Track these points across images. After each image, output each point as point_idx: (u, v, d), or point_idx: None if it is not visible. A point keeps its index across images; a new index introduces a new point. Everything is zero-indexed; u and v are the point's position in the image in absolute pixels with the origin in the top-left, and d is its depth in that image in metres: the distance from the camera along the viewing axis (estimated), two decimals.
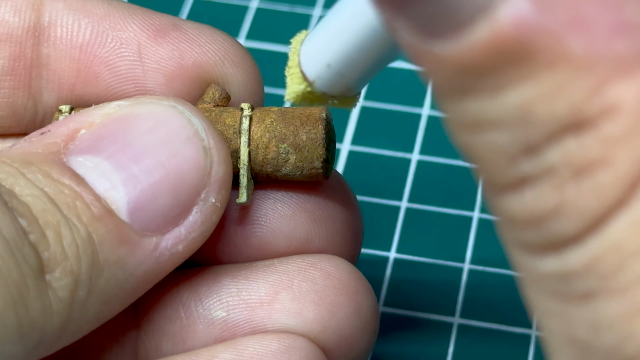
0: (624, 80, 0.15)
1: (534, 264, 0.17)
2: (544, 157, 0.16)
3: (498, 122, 0.16)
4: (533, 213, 0.16)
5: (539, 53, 0.15)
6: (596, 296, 0.16)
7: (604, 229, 0.16)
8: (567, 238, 0.16)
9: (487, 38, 0.15)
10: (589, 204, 0.16)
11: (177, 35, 0.29)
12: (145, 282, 0.26)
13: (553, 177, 0.16)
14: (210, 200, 0.26)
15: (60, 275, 0.23)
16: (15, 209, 0.23)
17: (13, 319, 0.22)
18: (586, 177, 0.16)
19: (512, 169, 0.16)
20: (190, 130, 0.26)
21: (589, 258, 0.16)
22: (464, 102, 0.16)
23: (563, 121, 0.15)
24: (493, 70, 0.16)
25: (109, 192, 0.25)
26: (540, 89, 0.15)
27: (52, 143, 0.26)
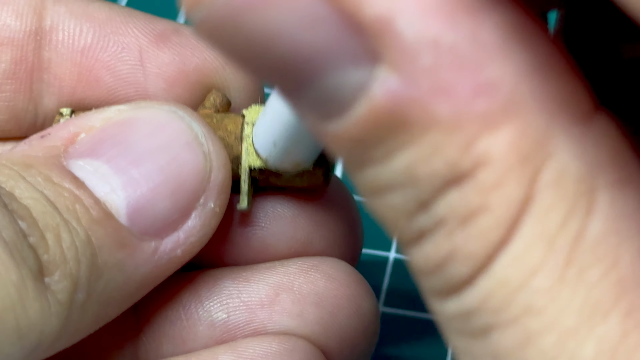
0: (490, 134, 0.16)
1: (442, 307, 0.18)
2: (435, 210, 0.17)
3: (391, 185, 0.17)
4: (432, 261, 0.18)
5: (411, 120, 0.17)
6: (492, 330, 0.17)
7: (491, 268, 0.17)
8: (462, 280, 0.17)
9: (365, 113, 0.17)
10: (475, 247, 0.17)
11: (178, 40, 0.29)
12: (144, 285, 0.26)
13: (444, 227, 0.17)
14: (209, 205, 0.26)
15: (60, 277, 0.23)
16: (15, 212, 0.23)
17: (12, 321, 0.22)
18: (470, 224, 0.17)
19: (411, 225, 0.18)
20: (190, 135, 0.26)
21: (481, 296, 0.17)
22: (362, 171, 0.18)
23: (443, 177, 0.17)
24: (377, 140, 0.17)
25: (109, 196, 0.25)
26: (419, 152, 0.17)
27: (52, 146, 0.26)
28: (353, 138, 0.17)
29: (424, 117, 0.17)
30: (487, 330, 0.17)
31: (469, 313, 0.17)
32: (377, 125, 0.17)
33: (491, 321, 0.17)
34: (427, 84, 0.16)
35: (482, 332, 0.17)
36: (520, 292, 0.17)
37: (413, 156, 0.17)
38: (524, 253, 0.17)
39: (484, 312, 0.17)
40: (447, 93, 0.16)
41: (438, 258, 0.17)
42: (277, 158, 0.27)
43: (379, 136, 0.17)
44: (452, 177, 0.17)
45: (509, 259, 0.17)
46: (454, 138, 0.17)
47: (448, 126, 0.16)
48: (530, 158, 0.17)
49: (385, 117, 0.17)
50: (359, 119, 0.17)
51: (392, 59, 0.16)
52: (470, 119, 0.16)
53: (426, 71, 0.16)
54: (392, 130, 0.17)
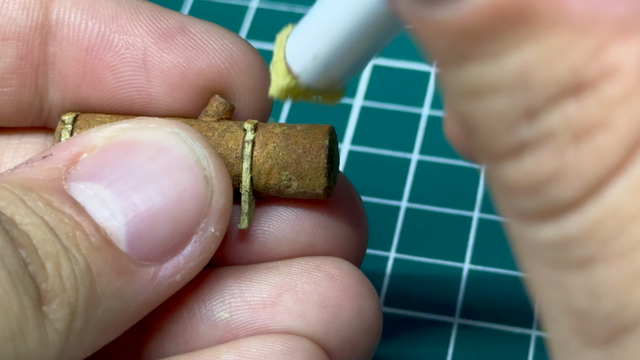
0: (623, 42, 0.15)
1: (532, 233, 0.17)
2: (544, 121, 0.16)
3: (498, 87, 0.16)
4: (532, 179, 0.16)
5: (539, 15, 0.15)
6: (595, 263, 0.16)
7: (603, 193, 0.16)
8: (566, 204, 0.16)
9: (487, 1, 0.15)
10: (588, 168, 0.16)
11: (183, 41, 0.28)
12: (142, 311, 0.26)
13: (553, 141, 0.16)
14: (209, 230, 0.26)
15: (58, 306, 0.23)
16: (15, 239, 0.23)
17: (11, 351, 0.22)
18: (586, 141, 0.16)
19: (512, 135, 0.16)
20: (192, 158, 0.26)
21: (588, 223, 0.16)
22: (464, 69, 0.16)
23: (563, 84, 0.15)
24: (493, 34, 0.16)
25: (109, 222, 0.25)
26: (540, 52, 0.15)
27: (53, 168, 0.25)
28: (462, 29, 0.16)
29: (555, 12, 0.15)
30: (588, 262, 0.16)
31: (569, 241, 0.16)
32: (498, 16, 0.15)
33: (595, 253, 0.16)
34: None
35: (581, 265, 0.16)
36: (634, 224, 0.15)
37: (531, 56, 0.15)
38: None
39: (588, 242, 0.16)
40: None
41: (540, 176, 0.16)
42: (313, 73, 0.25)
43: (496, 29, 0.15)
44: (573, 85, 0.15)
45: (626, 185, 0.15)
46: (583, 41, 0.15)
47: (579, 26, 0.15)
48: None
49: (509, 8, 0.15)
50: (478, 7, 0.15)
51: None
52: (605, 22, 0.15)
53: None
54: (514, 23, 0.15)
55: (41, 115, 0.29)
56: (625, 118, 0.15)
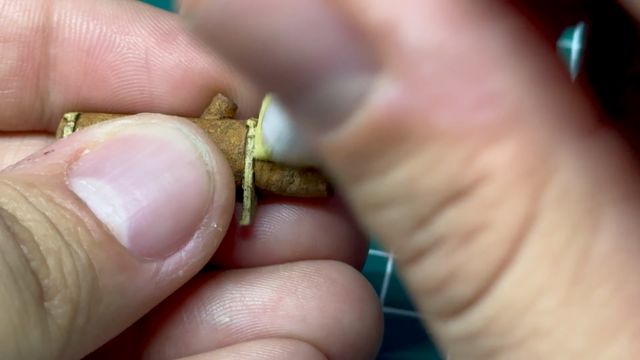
0: (492, 148, 0.16)
1: (445, 329, 0.18)
2: (434, 227, 0.17)
3: (389, 200, 0.17)
4: (433, 281, 0.17)
5: (411, 132, 0.16)
6: (498, 353, 0.17)
7: (494, 289, 0.17)
8: (465, 301, 0.17)
9: (364, 124, 0.16)
10: (477, 267, 0.17)
11: (185, 40, 0.28)
12: (145, 307, 0.26)
13: (444, 245, 0.17)
14: (212, 225, 0.26)
15: (59, 302, 0.23)
16: (16, 235, 0.23)
17: (13, 347, 0.22)
18: (472, 242, 0.16)
19: (410, 242, 0.17)
20: (194, 154, 0.26)
21: (486, 318, 0.17)
22: (359, 186, 0.17)
23: (443, 192, 0.16)
24: (375, 153, 0.17)
25: (111, 217, 0.25)
26: (418, 165, 0.16)
27: (55, 164, 0.25)
28: (350, 150, 0.17)
29: (425, 129, 0.16)
30: (493, 353, 0.17)
31: (473, 335, 0.17)
32: (376, 136, 0.16)
33: (497, 344, 0.17)
34: (428, 94, 0.16)
35: (488, 355, 0.17)
36: (527, 314, 0.16)
37: (412, 169, 0.16)
38: (529, 273, 0.16)
39: (489, 335, 0.17)
40: (449, 103, 0.16)
41: (438, 278, 0.17)
42: (281, 149, 0.26)
43: (377, 148, 0.17)
44: (452, 192, 0.16)
45: (514, 280, 0.16)
46: (454, 151, 0.16)
47: (449, 138, 0.16)
48: (534, 173, 0.16)
49: (384, 128, 0.16)
50: (357, 130, 0.16)
51: (393, 67, 0.16)
52: (473, 131, 0.16)
53: (428, 80, 0.16)
54: (391, 142, 0.16)
55: (42, 119, 0.29)
56: (503, 218, 0.16)
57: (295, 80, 0.17)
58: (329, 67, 0.16)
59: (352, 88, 0.16)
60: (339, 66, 0.16)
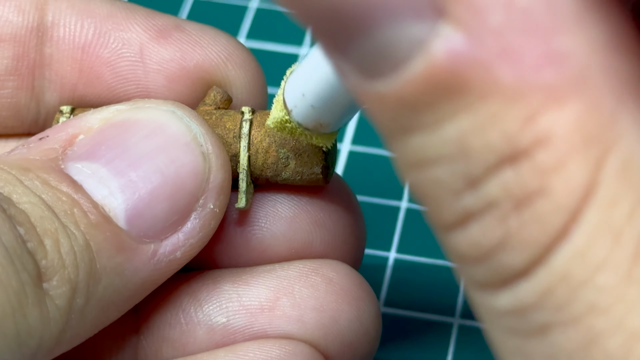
0: (554, 110, 0.15)
1: (490, 302, 0.17)
2: (485, 190, 0.16)
3: (439, 157, 0.16)
4: (481, 248, 0.16)
5: (471, 84, 0.15)
6: (552, 329, 0.16)
7: (550, 260, 0.16)
8: (517, 271, 0.16)
9: (422, 72, 0.16)
10: (532, 235, 0.16)
11: (179, 36, 0.28)
12: (143, 288, 0.26)
13: (496, 209, 0.16)
14: (208, 206, 0.26)
15: (58, 283, 0.23)
16: (13, 217, 0.23)
17: (12, 328, 0.22)
18: (527, 208, 0.16)
19: (457, 205, 0.16)
20: (188, 135, 0.26)
21: (540, 291, 0.16)
22: (407, 140, 0.16)
23: (499, 152, 0.16)
24: (430, 104, 0.16)
25: (107, 199, 0.25)
26: (475, 121, 0.16)
27: (50, 149, 0.25)
28: (403, 100, 0.16)
29: (486, 82, 0.15)
30: (545, 329, 0.16)
31: (524, 309, 0.16)
32: (433, 86, 0.16)
33: (551, 319, 0.16)
34: (494, 46, 0.15)
35: (539, 331, 0.16)
36: (584, 289, 0.16)
37: (468, 125, 0.16)
38: (588, 245, 0.16)
39: (542, 309, 0.16)
40: (514, 58, 0.15)
41: (487, 244, 0.16)
42: (302, 111, 0.26)
43: (432, 99, 0.16)
44: (509, 153, 0.16)
45: (572, 251, 0.16)
46: (515, 109, 0.15)
47: (511, 94, 0.15)
48: (596, 141, 0.15)
49: (443, 77, 0.15)
50: (413, 78, 0.16)
51: (458, 14, 0.15)
52: (536, 90, 0.15)
53: (495, 32, 0.15)
54: (449, 93, 0.16)
55: (38, 120, 0.29)
56: (562, 185, 0.15)
57: (352, 22, 0.16)
58: (390, 9, 0.15)
59: (412, 34, 0.16)
60: (400, 9, 0.15)
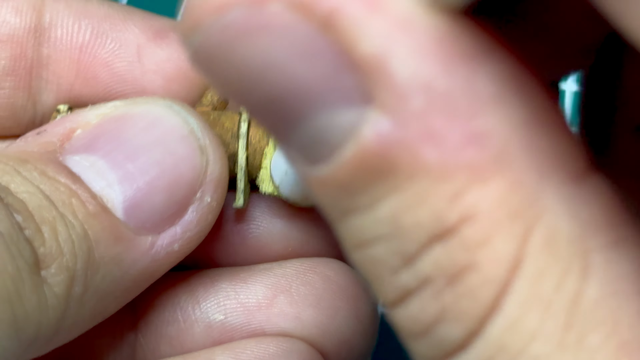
0: (479, 187, 0.16)
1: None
2: (419, 266, 0.16)
3: (376, 236, 0.17)
4: (421, 323, 0.17)
5: (399, 166, 0.16)
6: None
7: (486, 331, 0.16)
8: (456, 344, 0.16)
9: (353, 156, 0.16)
10: (467, 308, 0.16)
11: (176, 37, 0.28)
12: (141, 280, 0.26)
13: (430, 286, 0.16)
14: (206, 199, 0.26)
15: (56, 270, 0.23)
16: (10, 205, 0.23)
17: (9, 313, 0.22)
18: (459, 283, 0.16)
19: (396, 282, 0.17)
20: (185, 129, 0.26)
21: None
22: (347, 221, 0.17)
23: (429, 230, 0.16)
24: (363, 186, 0.16)
25: (105, 191, 0.25)
26: (405, 200, 0.16)
27: (48, 142, 0.25)
28: (339, 183, 0.17)
29: (412, 163, 0.16)
30: None
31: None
32: (365, 169, 0.16)
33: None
34: (417, 129, 0.16)
35: None
36: (521, 359, 0.16)
37: (399, 204, 0.16)
38: (520, 316, 0.16)
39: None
40: (436, 139, 0.16)
41: (426, 319, 0.17)
42: (287, 187, 0.27)
43: (365, 182, 0.16)
44: (438, 230, 0.16)
45: (505, 323, 0.16)
46: (441, 187, 0.16)
47: (436, 174, 0.16)
48: (520, 215, 0.16)
49: (373, 160, 0.16)
50: (347, 162, 0.16)
51: (384, 100, 0.16)
52: (459, 169, 0.16)
53: (417, 115, 0.16)
54: (379, 175, 0.16)
55: (35, 120, 0.29)
56: (489, 259, 0.16)
57: (287, 110, 0.16)
58: (321, 97, 0.16)
59: (344, 119, 0.16)
60: (331, 96, 0.16)
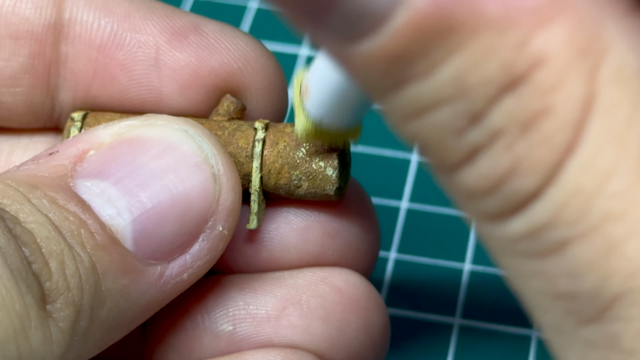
0: (544, 30, 0.16)
1: (503, 230, 0.17)
2: (489, 121, 0.16)
3: (438, 101, 0.16)
4: (491, 179, 0.16)
5: (459, 23, 0.16)
6: (569, 243, 0.16)
7: (560, 176, 0.16)
8: (529, 194, 0.16)
9: (407, 23, 0.16)
10: (541, 155, 0.16)
11: (196, 40, 0.28)
12: (148, 310, 0.25)
13: (502, 138, 0.16)
14: (217, 228, 0.26)
15: (62, 305, 0.23)
16: (19, 237, 0.23)
17: (14, 351, 0.22)
18: (533, 130, 0.16)
19: (462, 142, 0.16)
20: (200, 156, 0.26)
21: (554, 208, 0.16)
22: (402, 93, 0.17)
23: (498, 82, 0.16)
24: (421, 52, 0.16)
25: (115, 220, 0.25)
26: (469, 58, 0.16)
27: (60, 165, 0.25)
28: (391, 55, 0.16)
29: (473, 18, 0.15)
30: (562, 245, 0.16)
31: (539, 229, 0.16)
32: (421, 34, 0.16)
33: (567, 234, 0.16)
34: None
35: (556, 249, 0.16)
36: (597, 198, 0.16)
37: (462, 63, 0.16)
38: (595, 155, 0.16)
39: (557, 226, 0.16)
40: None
41: (497, 174, 0.16)
42: (329, 116, 0.26)
43: (421, 48, 0.16)
44: (508, 80, 0.16)
45: (580, 164, 0.16)
46: (506, 38, 0.16)
47: (499, 25, 0.15)
48: (588, 53, 0.16)
49: (430, 24, 0.16)
50: (399, 31, 0.16)
51: None
52: (522, 16, 0.15)
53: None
54: (437, 38, 0.16)
55: (52, 116, 0.29)
56: (564, 101, 0.16)
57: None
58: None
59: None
60: None
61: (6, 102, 0.29)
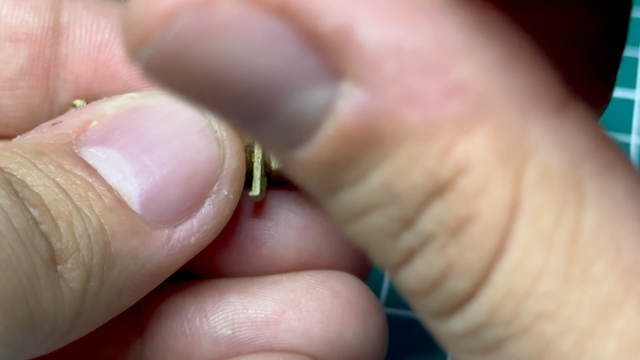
0: (467, 137, 0.16)
1: (446, 328, 0.17)
2: (420, 226, 0.16)
3: (371, 206, 0.17)
4: (428, 280, 0.17)
5: (383, 134, 0.16)
6: (506, 342, 0.16)
7: (492, 279, 0.16)
8: (464, 295, 0.17)
9: (334, 133, 0.16)
10: (471, 259, 0.16)
11: None
12: (157, 274, 0.26)
13: (434, 242, 0.16)
14: (222, 192, 0.26)
15: (72, 266, 0.23)
16: (26, 199, 0.23)
17: (24, 310, 0.22)
18: (462, 235, 0.16)
19: (398, 245, 0.17)
20: (202, 122, 0.26)
21: (488, 309, 0.16)
22: (338, 197, 0.17)
23: (424, 189, 0.16)
24: (349, 160, 0.16)
25: (121, 184, 0.25)
26: (395, 166, 0.16)
27: (63, 134, 0.25)
28: (323, 163, 0.16)
29: (396, 128, 0.16)
30: (500, 343, 0.17)
31: (477, 329, 0.17)
32: (348, 144, 0.16)
33: (503, 333, 0.16)
34: (394, 93, 0.16)
35: (494, 347, 0.17)
36: (528, 299, 0.16)
37: (390, 171, 0.16)
38: (524, 258, 0.16)
39: (493, 325, 0.16)
40: (416, 99, 0.16)
41: (433, 276, 0.17)
42: None
43: (350, 156, 0.16)
44: (434, 188, 0.16)
45: (509, 267, 0.16)
46: (429, 146, 0.16)
47: (421, 135, 0.16)
48: (511, 157, 0.16)
49: (355, 134, 0.16)
50: (328, 140, 0.16)
51: (355, 71, 0.16)
52: (444, 124, 0.16)
53: (392, 79, 0.16)
54: (364, 147, 0.16)
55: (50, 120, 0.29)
56: (489, 206, 0.16)
57: (258, 103, 0.16)
58: (290, 82, 0.16)
59: (317, 99, 0.16)
60: (300, 79, 0.16)
61: (5, 106, 0.29)
